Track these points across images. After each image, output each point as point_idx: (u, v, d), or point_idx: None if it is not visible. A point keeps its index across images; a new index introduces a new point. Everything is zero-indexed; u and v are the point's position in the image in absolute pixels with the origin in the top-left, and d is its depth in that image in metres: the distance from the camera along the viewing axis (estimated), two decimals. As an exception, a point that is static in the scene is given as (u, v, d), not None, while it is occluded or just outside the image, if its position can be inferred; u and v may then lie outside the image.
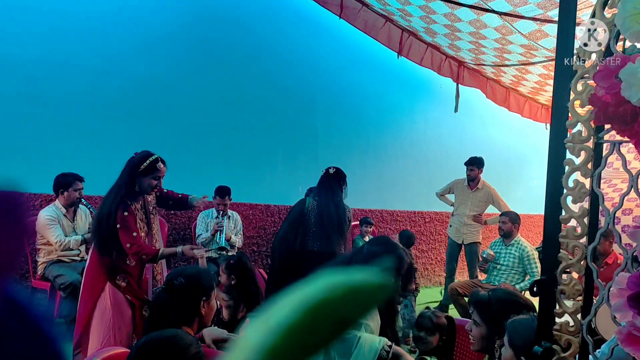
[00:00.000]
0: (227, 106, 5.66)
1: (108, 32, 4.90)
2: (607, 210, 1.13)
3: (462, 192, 5.86)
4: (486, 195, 5.74)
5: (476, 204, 5.74)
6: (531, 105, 7.17)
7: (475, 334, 2.09)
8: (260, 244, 5.89)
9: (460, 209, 5.83)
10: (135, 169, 2.97)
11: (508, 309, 1.94)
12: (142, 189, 3.03)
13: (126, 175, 2.99)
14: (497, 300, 2.08)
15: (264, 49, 5.91)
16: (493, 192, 5.75)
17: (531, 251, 4.80)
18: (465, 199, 5.80)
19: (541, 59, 5.26)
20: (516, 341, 1.65)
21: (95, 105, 4.85)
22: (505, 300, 2.09)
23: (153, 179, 3.03)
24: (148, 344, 1.40)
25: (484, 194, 5.74)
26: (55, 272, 4.01)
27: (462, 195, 5.87)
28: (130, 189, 2.98)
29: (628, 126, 1.04)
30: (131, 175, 2.98)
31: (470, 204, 5.75)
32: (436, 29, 5.18)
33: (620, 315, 1.06)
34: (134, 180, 2.99)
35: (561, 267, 1.21)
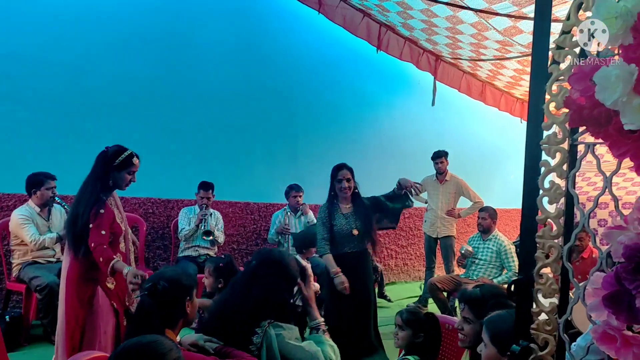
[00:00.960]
0: (205, 103, 5.61)
1: (83, 29, 4.81)
2: (582, 211, 1.15)
3: (433, 187, 5.98)
4: (455, 187, 5.87)
5: (447, 196, 5.86)
6: (507, 99, 7.26)
7: (467, 331, 2.11)
8: (240, 241, 5.86)
9: (432, 203, 5.96)
10: (110, 163, 2.92)
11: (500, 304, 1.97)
12: (115, 184, 2.98)
13: (100, 170, 2.93)
14: (490, 295, 2.11)
15: (242, 46, 5.87)
16: (462, 182, 5.89)
17: (508, 245, 4.88)
18: (436, 193, 5.92)
19: (516, 55, 5.34)
20: (500, 337, 1.64)
21: (70, 103, 4.76)
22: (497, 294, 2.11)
23: (127, 173, 2.98)
24: (128, 350, 1.38)
25: (453, 185, 5.87)
26: (31, 273, 3.94)
27: (432, 189, 5.98)
28: (105, 183, 2.94)
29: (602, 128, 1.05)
30: (105, 170, 2.92)
31: (442, 196, 5.87)
32: (413, 24, 5.21)
33: (595, 314, 1.07)
34: (108, 174, 2.93)
35: (538, 267, 1.23)
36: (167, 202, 5.41)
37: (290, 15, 6.09)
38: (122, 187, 3.04)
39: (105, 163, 2.93)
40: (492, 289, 2.20)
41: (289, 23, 6.21)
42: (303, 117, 6.42)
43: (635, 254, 0.97)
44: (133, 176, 3.03)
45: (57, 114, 4.70)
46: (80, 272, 2.87)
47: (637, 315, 0.97)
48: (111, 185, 2.97)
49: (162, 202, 5.38)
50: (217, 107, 5.69)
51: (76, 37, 4.78)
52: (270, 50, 6.09)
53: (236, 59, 5.84)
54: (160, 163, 5.07)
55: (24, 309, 4.01)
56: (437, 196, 5.91)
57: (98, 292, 2.90)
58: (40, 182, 4.09)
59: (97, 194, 2.88)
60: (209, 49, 5.64)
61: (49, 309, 3.87)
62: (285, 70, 6.24)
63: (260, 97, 6.01)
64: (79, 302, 2.85)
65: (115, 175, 2.95)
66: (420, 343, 2.39)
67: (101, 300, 2.91)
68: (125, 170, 2.96)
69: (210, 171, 5.51)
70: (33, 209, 4.09)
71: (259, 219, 6.01)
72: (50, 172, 4.14)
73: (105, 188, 2.94)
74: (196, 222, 4.92)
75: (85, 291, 2.87)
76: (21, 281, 4.01)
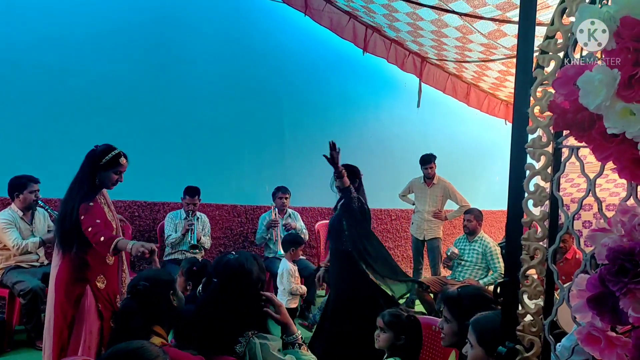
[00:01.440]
0: (192, 105, 5.58)
1: (67, 29, 4.76)
2: (566, 214, 1.16)
3: (420, 190, 6.03)
4: (442, 190, 5.92)
5: (434, 199, 5.91)
6: (490, 101, 7.33)
7: (446, 330, 2.13)
8: (227, 244, 5.83)
9: (420, 205, 6.01)
10: (97, 162, 2.93)
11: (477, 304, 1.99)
12: (102, 183, 2.99)
13: (87, 169, 2.94)
14: (467, 296, 2.12)
15: (228, 48, 5.84)
16: (449, 185, 5.94)
17: (494, 247, 4.92)
18: (424, 196, 5.97)
19: (500, 57, 5.39)
20: (487, 338, 1.64)
21: (53, 105, 4.70)
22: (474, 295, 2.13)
23: (114, 173, 2.99)
24: (114, 356, 1.37)
25: (440, 188, 5.92)
26: (14, 278, 3.88)
27: (420, 192, 6.04)
28: (92, 183, 2.94)
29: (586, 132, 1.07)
30: (92, 169, 2.93)
31: (429, 199, 5.92)
32: (399, 26, 5.25)
33: (580, 316, 1.09)
34: (95, 173, 2.94)
35: (523, 269, 1.24)
36: (152, 205, 5.37)
37: (277, 17, 6.09)
38: (108, 187, 3.05)
39: (93, 162, 2.94)
40: (471, 290, 2.21)
41: (276, 25, 6.21)
42: (290, 119, 6.41)
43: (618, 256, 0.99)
44: (120, 176, 3.05)
45: (42, 116, 4.64)
46: (71, 272, 2.86)
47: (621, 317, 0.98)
48: (98, 184, 2.98)
49: (148, 204, 5.34)
50: (204, 108, 5.66)
51: (61, 39, 4.73)
52: (257, 52, 6.08)
53: (223, 61, 5.81)
54: (146, 165, 5.03)
55: (7, 314, 3.95)
56: (425, 199, 5.95)
57: (87, 291, 2.90)
58: (23, 185, 4.04)
59: (85, 192, 2.89)
60: (196, 50, 5.61)
61: (32, 314, 3.82)
62: (272, 72, 6.23)
63: (247, 99, 5.99)
64: (68, 301, 2.85)
65: (102, 174, 2.96)
66: (401, 345, 2.40)
67: (89, 301, 2.89)
68: (112, 169, 2.97)
69: (197, 173, 5.48)
70: (16, 213, 4.04)
71: (245, 221, 5.99)
72: (33, 175, 4.09)
73: (93, 187, 2.95)
74: (182, 232, 4.89)
75: (75, 290, 2.87)
76: (4, 286, 3.95)
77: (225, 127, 5.82)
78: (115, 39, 5.05)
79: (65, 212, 2.88)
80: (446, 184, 5.94)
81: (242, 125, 5.97)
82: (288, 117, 6.40)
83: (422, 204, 5.96)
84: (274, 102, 6.28)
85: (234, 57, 5.89)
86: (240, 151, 5.99)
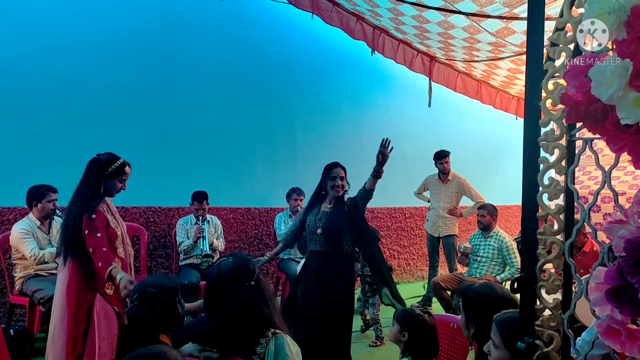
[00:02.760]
0: (203, 110, 5.61)
1: (77, 40, 4.81)
2: (582, 206, 1.16)
3: (435, 186, 5.99)
4: (457, 186, 5.88)
5: (449, 195, 5.87)
6: (502, 97, 7.27)
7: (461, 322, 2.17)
8: (242, 247, 5.86)
9: (435, 202, 5.96)
10: (103, 170, 2.97)
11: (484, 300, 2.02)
12: (107, 192, 3.03)
13: (92, 177, 2.96)
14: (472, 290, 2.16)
15: (237, 52, 5.87)
16: (464, 182, 5.90)
17: (510, 242, 4.88)
18: (439, 192, 5.93)
19: (509, 54, 5.34)
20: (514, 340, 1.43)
21: (66, 114, 4.76)
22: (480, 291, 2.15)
23: (119, 181, 3.04)
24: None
25: (455, 185, 5.88)
26: (34, 286, 3.93)
27: (435, 189, 6.00)
28: (97, 191, 2.97)
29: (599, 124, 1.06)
30: (97, 177, 2.96)
31: (444, 196, 5.88)
32: (406, 29, 5.23)
33: (599, 309, 1.08)
34: (100, 182, 2.97)
35: (540, 264, 1.23)
36: (167, 210, 5.41)
37: (284, 20, 6.10)
38: (112, 195, 3.09)
39: (98, 170, 2.97)
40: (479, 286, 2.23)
41: (283, 28, 6.23)
42: (301, 121, 6.42)
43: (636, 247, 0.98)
44: (124, 184, 3.08)
45: (54, 125, 4.69)
46: (79, 280, 2.88)
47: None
48: (103, 193, 3.01)
49: (163, 210, 5.38)
50: (215, 113, 5.69)
51: (70, 49, 4.78)
52: (265, 55, 6.10)
53: (232, 65, 5.84)
54: (160, 171, 5.08)
55: (27, 322, 4.00)
56: (440, 195, 5.92)
57: (96, 299, 2.91)
58: (42, 194, 4.08)
59: (88, 200, 2.91)
60: (204, 55, 5.65)
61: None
62: (282, 74, 6.25)
63: (257, 102, 6.02)
64: (80, 311, 2.86)
65: (107, 183, 2.99)
66: (406, 342, 2.40)
67: (99, 306, 2.90)
68: (117, 178, 3.01)
69: (210, 178, 5.51)
70: (33, 223, 4.08)
71: (260, 224, 6.01)
72: (50, 185, 4.14)
73: (96, 195, 2.97)
74: (194, 239, 4.90)
75: (86, 298, 2.88)
76: (24, 294, 4.00)
77: (237, 131, 5.85)
78: (123, 47, 5.09)
79: (68, 220, 2.90)
80: (461, 180, 5.90)
81: (254, 128, 5.99)
82: (299, 119, 6.41)
83: (437, 201, 5.92)
84: (284, 104, 6.30)
85: (243, 61, 5.91)
86: (252, 154, 6.01)
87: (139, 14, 5.22)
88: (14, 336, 3.78)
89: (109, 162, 2.98)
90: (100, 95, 4.93)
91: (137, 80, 5.17)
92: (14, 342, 3.74)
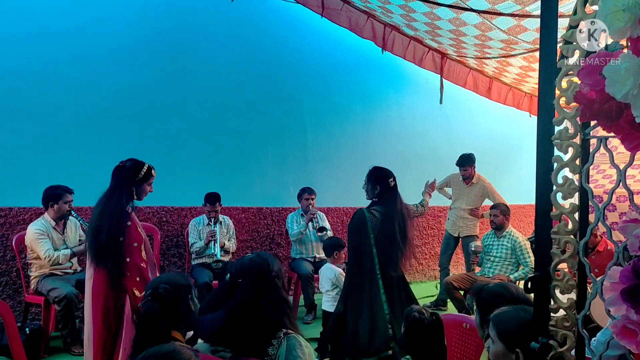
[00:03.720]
0: (214, 111, 5.64)
1: (91, 42, 4.86)
2: (596, 205, 1.14)
3: (459, 187, 5.95)
4: (481, 190, 5.82)
5: (472, 198, 5.82)
6: (514, 94, 7.20)
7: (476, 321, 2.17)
8: (254, 247, 5.88)
9: (457, 202, 5.92)
10: (134, 176, 3.11)
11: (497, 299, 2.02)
12: (138, 196, 3.17)
13: (124, 184, 3.08)
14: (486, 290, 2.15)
15: (249, 52, 5.89)
16: (488, 186, 5.83)
17: (523, 241, 4.85)
18: (462, 194, 5.89)
19: (521, 52, 5.30)
20: (507, 334, 1.66)
21: (80, 115, 4.81)
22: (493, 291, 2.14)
23: (148, 185, 3.20)
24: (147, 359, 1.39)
25: (479, 188, 5.82)
26: (49, 285, 3.98)
27: (458, 189, 5.95)
28: (130, 196, 3.11)
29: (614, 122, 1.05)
30: (129, 183, 3.09)
31: (467, 198, 5.83)
32: (417, 26, 5.21)
33: (614, 309, 1.07)
34: (132, 187, 3.11)
35: (554, 263, 1.22)
36: (180, 210, 5.45)
37: (294, 20, 6.11)
38: (141, 199, 3.24)
39: (128, 177, 3.11)
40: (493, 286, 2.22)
41: (293, 28, 6.23)
42: (312, 120, 6.43)
43: (652, 247, 0.97)
44: (151, 187, 3.25)
45: (67, 126, 4.74)
46: (107, 282, 2.95)
47: (656, 309, 0.96)
48: (134, 198, 3.16)
49: (176, 210, 5.42)
50: (226, 113, 5.72)
51: (85, 51, 4.83)
52: (277, 55, 6.12)
53: (243, 66, 5.86)
54: (172, 171, 5.10)
55: (43, 321, 4.05)
56: (463, 197, 5.88)
57: (127, 300, 2.99)
58: (59, 195, 4.12)
59: (122, 207, 3.03)
60: (216, 56, 5.68)
61: (67, 320, 3.91)
62: (292, 74, 6.26)
63: (268, 102, 6.03)
64: (110, 312, 2.94)
65: (138, 187, 3.14)
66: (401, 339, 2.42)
67: (127, 309, 2.98)
68: (146, 182, 3.18)
69: (222, 177, 5.54)
70: (48, 223, 4.13)
71: (272, 223, 6.02)
72: (67, 186, 4.18)
73: (129, 200, 3.11)
74: (205, 242, 4.92)
75: (115, 299, 2.96)
76: (39, 293, 4.05)
77: (248, 131, 5.87)
78: (136, 50, 5.14)
79: (99, 226, 2.95)
80: (485, 184, 5.82)
81: (265, 128, 6.01)
82: (310, 119, 6.41)
83: (460, 202, 5.88)
84: (295, 104, 6.31)
85: (254, 62, 5.93)
86: (263, 154, 6.03)
87: (151, 16, 5.26)
88: (29, 334, 3.83)
89: (137, 168, 3.14)
90: (114, 97, 4.98)
91: (150, 82, 5.21)
92: (29, 340, 3.78)
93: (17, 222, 4.49)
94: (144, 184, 3.16)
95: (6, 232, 4.42)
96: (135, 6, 5.16)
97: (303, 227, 5.33)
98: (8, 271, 4.43)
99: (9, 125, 4.46)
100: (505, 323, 1.69)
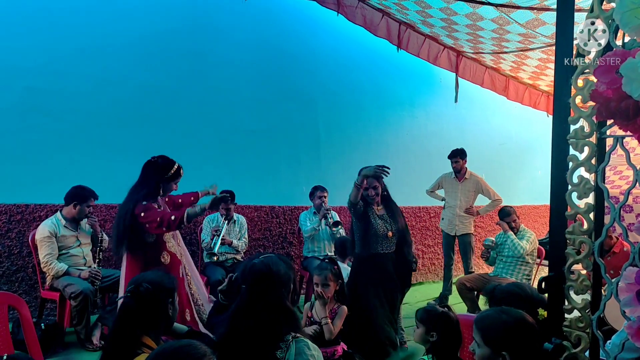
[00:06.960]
0: (228, 109, 5.66)
1: (107, 41, 4.91)
2: (612, 205, 1.13)
3: (451, 185, 5.94)
4: (474, 185, 5.82)
5: (466, 194, 5.81)
6: (531, 93, 7.14)
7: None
8: (267, 245, 5.89)
9: (451, 201, 5.91)
10: (164, 174, 3.25)
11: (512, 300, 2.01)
12: (164, 193, 3.33)
13: (152, 179, 3.23)
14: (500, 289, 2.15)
15: (262, 52, 5.91)
16: (480, 180, 5.85)
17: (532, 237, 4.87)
18: (455, 191, 5.88)
19: (540, 45, 5.25)
20: (493, 338, 1.65)
21: (97, 113, 4.85)
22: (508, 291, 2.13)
23: (175, 183, 3.35)
24: (161, 354, 1.40)
25: (472, 183, 5.82)
26: (65, 281, 4.01)
27: (450, 187, 5.95)
28: (155, 191, 3.24)
29: (630, 121, 1.04)
30: (157, 180, 3.23)
31: (460, 194, 5.82)
32: (433, 22, 5.18)
33: (629, 310, 1.06)
34: (159, 184, 3.25)
35: (569, 264, 1.21)
36: (193, 208, 5.47)
37: (309, 19, 6.12)
38: (166, 195, 3.42)
39: (158, 174, 3.24)
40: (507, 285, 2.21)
41: (308, 27, 6.24)
42: (325, 119, 6.43)
43: (669, 247, 0.95)
44: (177, 185, 3.40)
45: (83, 125, 4.78)
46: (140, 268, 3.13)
47: (673, 310, 0.95)
48: (160, 194, 3.31)
49: (189, 208, 5.44)
50: (240, 112, 5.74)
51: (102, 50, 4.87)
52: (290, 54, 6.12)
53: (257, 65, 5.88)
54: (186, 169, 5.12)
55: (58, 317, 4.10)
56: (456, 194, 5.86)
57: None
58: (85, 198, 4.12)
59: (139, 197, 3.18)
60: (230, 55, 5.70)
61: (82, 316, 3.94)
62: (306, 73, 6.27)
63: (282, 101, 6.04)
64: None
65: (165, 185, 3.28)
66: (436, 342, 2.37)
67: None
68: (174, 180, 3.33)
69: (235, 176, 5.55)
70: (60, 221, 4.14)
71: (284, 222, 6.04)
72: (93, 190, 4.19)
73: (152, 195, 3.23)
74: (210, 237, 4.93)
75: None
76: (55, 289, 4.09)
77: (262, 130, 5.88)
78: (152, 48, 5.17)
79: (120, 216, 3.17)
80: (478, 179, 5.84)
81: (278, 127, 6.02)
82: (323, 118, 6.42)
83: (454, 199, 5.87)
84: (308, 103, 6.31)
85: (268, 61, 5.95)
86: (276, 153, 6.04)
87: (166, 15, 5.29)
88: (45, 330, 3.88)
89: (168, 166, 3.26)
90: (129, 95, 5.02)
91: (165, 81, 5.24)
92: (45, 335, 3.83)
93: (34, 218, 4.55)
94: (171, 182, 3.28)
95: (23, 229, 4.48)
96: (151, 6, 5.20)
97: (316, 223, 5.34)
98: (24, 267, 4.48)
99: (26, 123, 4.51)
100: (489, 327, 1.69)
